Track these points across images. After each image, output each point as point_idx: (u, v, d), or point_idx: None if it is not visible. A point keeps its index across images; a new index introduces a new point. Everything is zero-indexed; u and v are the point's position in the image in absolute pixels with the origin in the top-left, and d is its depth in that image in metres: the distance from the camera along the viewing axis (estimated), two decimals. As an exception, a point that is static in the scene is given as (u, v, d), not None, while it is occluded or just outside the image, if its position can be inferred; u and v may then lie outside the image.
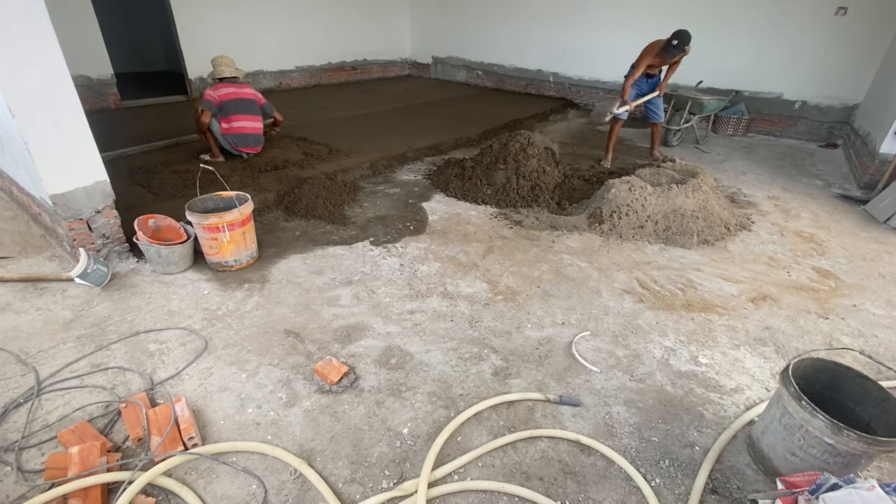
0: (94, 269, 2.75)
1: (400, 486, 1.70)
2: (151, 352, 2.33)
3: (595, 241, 3.54)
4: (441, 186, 4.45)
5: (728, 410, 2.10)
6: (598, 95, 8.03)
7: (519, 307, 2.76)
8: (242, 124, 4.33)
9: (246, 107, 4.33)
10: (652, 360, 2.37)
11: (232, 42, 7.65)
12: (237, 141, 4.37)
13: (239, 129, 4.33)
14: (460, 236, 3.57)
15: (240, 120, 4.31)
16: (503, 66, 9.12)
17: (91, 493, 1.59)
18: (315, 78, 9.04)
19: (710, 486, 1.74)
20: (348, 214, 3.87)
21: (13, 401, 2.00)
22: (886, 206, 4.05)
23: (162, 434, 1.79)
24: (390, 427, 1.95)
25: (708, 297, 2.90)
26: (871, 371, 2.32)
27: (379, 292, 2.86)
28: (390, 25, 9.99)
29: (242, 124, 4.33)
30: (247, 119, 4.34)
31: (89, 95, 6.31)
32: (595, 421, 2.01)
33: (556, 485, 1.74)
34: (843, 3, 5.66)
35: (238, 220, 2.88)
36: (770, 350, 2.48)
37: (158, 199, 3.73)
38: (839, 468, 1.59)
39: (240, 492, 1.68)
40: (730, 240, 3.61)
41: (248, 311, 2.66)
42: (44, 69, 2.47)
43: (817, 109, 6.23)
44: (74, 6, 6.01)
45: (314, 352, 2.36)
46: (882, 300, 2.94)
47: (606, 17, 7.51)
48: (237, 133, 4.33)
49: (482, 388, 2.17)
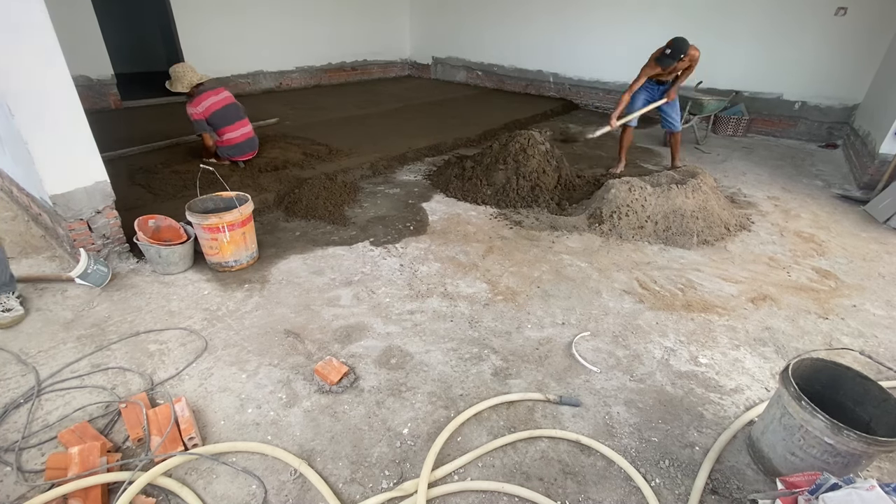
0: (94, 269, 2.75)
1: (400, 487, 1.70)
2: (151, 352, 2.33)
3: (595, 241, 3.54)
4: (441, 187, 4.45)
5: (728, 410, 2.10)
6: (598, 96, 8.04)
7: (519, 307, 2.76)
8: (233, 134, 4.21)
9: (231, 114, 4.19)
10: (652, 361, 2.37)
11: (232, 42, 7.67)
12: (233, 152, 4.29)
13: (233, 141, 4.23)
14: (460, 236, 3.57)
15: (230, 130, 4.19)
16: (503, 66, 9.12)
17: (91, 493, 1.59)
18: (315, 78, 9.05)
19: (710, 487, 1.74)
20: (348, 215, 3.87)
21: (13, 401, 2.00)
22: (886, 206, 4.05)
23: (162, 434, 1.80)
24: (390, 427, 1.96)
25: (708, 298, 2.90)
26: (871, 371, 2.32)
27: (379, 292, 2.86)
28: (390, 26, 10.00)
29: (233, 134, 4.21)
30: (236, 127, 4.22)
31: (89, 95, 6.31)
32: (595, 421, 2.01)
33: (556, 485, 1.74)
34: (843, 4, 5.66)
35: (238, 220, 2.89)
36: (770, 350, 2.48)
37: (158, 199, 3.73)
38: (839, 468, 1.59)
39: (240, 492, 1.68)
40: (730, 240, 3.61)
41: (248, 311, 2.66)
42: (44, 69, 2.47)
43: (817, 110, 6.23)
44: (74, 6, 6.02)
45: (314, 352, 2.36)
46: (882, 300, 2.94)
47: (606, 16, 7.51)
48: (232, 145, 4.25)
49: (482, 389, 2.17)
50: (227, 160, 4.39)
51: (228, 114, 4.18)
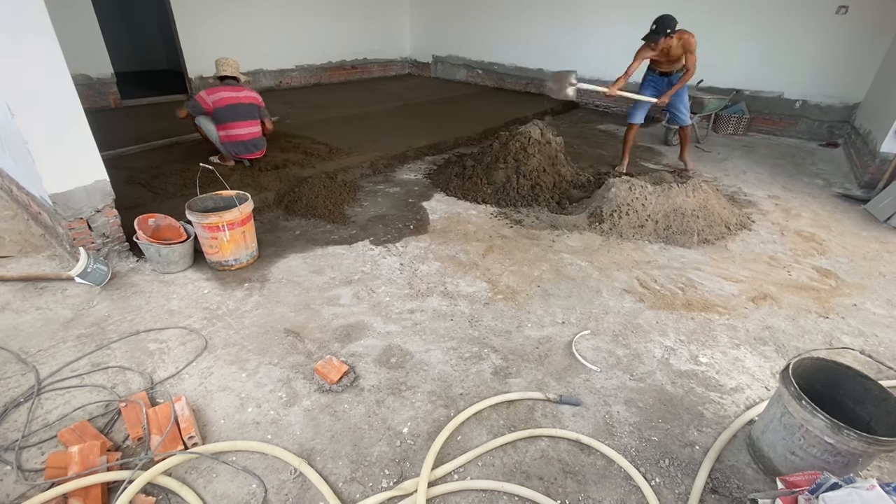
0: (94, 268, 2.75)
1: (400, 486, 1.70)
2: (151, 351, 2.33)
3: (595, 240, 3.54)
4: (441, 185, 4.44)
5: (728, 410, 2.10)
6: (598, 95, 8.01)
7: (519, 306, 2.76)
8: (238, 131, 4.22)
9: (242, 112, 4.20)
10: (652, 360, 2.37)
11: (232, 40, 7.65)
12: (234, 149, 4.29)
13: (235, 137, 4.22)
14: (460, 235, 3.57)
15: (235, 127, 4.19)
16: (503, 65, 9.11)
17: (91, 492, 1.59)
18: (315, 77, 9.04)
19: (710, 486, 1.74)
20: (348, 214, 3.87)
21: (13, 400, 2.00)
22: (887, 205, 4.05)
23: (162, 433, 1.80)
24: (390, 426, 1.96)
25: (708, 297, 2.90)
26: (872, 370, 2.32)
27: (379, 291, 2.86)
28: (390, 24, 9.98)
29: (238, 131, 4.22)
30: (242, 125, 4.22)
31: (89, 94, 6.31)
32: (595, 420, 2.01)
33: (556, 484, 1.74)
34: (844, 2, 5.65)
35: (238, 219, 2.88)
36: (770, 349, 2.48)
37: (158, 198, 3.73)
38: (839, 467, 1.59)
39: (240, 491, 1.68)
40: (730, 239, 3.61)
41: (248, 310, 2.66)
42: (44, 68, 2.47)
43: (818, 108, 6.22)
44: (74, 5, 6.00)
45: (314, 351, 2.36)
46: (882, 299, 2.94)
47: (607, 15, 7.50)
48: (234, 141, 4.24)
49: (482, 388, 2.17)
50: (230, 160, 4.39)
51: (238, 111, 4.19)
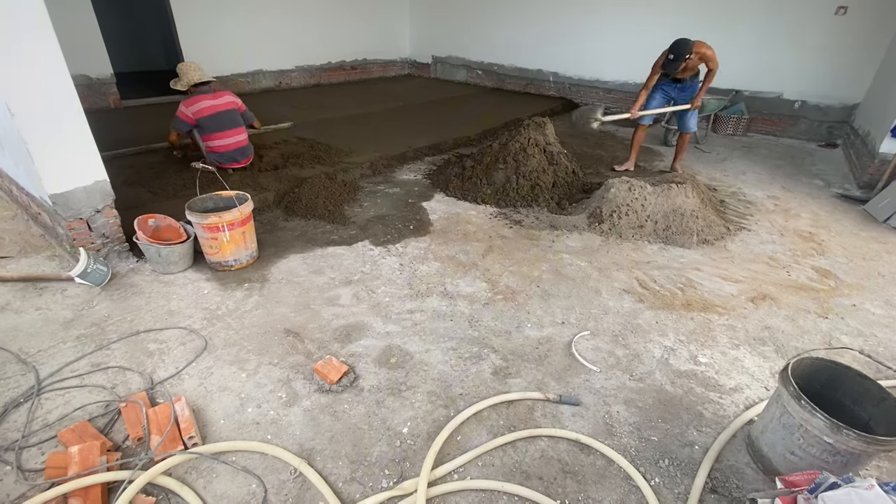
0: (93, 268, 2.75)
1: (400, 486, 1.70)
2: (151, 351, 2.33)
3: (595, 240, 3.54)
4: (441, 186, 4.45)
5: (727, 410, 2.10)
6: (598, 95, 8.03)
7: (518, 307, 2.76)
8: (224, 141, 4.06)
9: (226, 121, 4.04)
10: (651, 360, 2.37)
11: (231, 41, 7.66)
12: (220, 159, 4.12)
13: (222, 148, 4.07)
14: (460, 236, 3.57)
15: (221, 137, 4.03)
16: (503, 65, 9.11)
17: (91, 492, 1.59)
18: (315, 77, 9.04)
19: (710, 486, 1.75)
20: (348, 214, 3.87)
21: (13, 400, 2.00)
22: (886, 205, 4.05)
23: (162, 433, 1.80)
24: (390, 426, 1.96)
25: (707, 297, 2.90)
26: (871, 370, 2.32)
27: (379, 292, 2.86)
28: (390, 25, 9.98)
29: (224, 141, 4.06)
30: (228, 135, 4.06)
31: (89, 95, 6.30)
32: (595, 420, 2.01)
33: (556, 484, 1.74)
34: (844, 3, 5.65)
35: (238, 219, 2.89)
36: (769, 349, 2.48)
37: (158, 198, 3.73)
38: (838, 467, 1.59)
39: (240, 491, 1.68)
40: (729, 239, 3.61)
41: (247, 310, 2.66)
42: (44, 68, 2.47)
43: (817, 109, 6.23)
44: (74, 6, 6.01)
45: (314, 351, 2.36)
46: (881, 300, 2.94)
47: (606, 16, 7.50)
48: (221, 152, 4.09)
49: (482, 388, 2.17)
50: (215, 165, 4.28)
51: (222, 120, 4.01)
